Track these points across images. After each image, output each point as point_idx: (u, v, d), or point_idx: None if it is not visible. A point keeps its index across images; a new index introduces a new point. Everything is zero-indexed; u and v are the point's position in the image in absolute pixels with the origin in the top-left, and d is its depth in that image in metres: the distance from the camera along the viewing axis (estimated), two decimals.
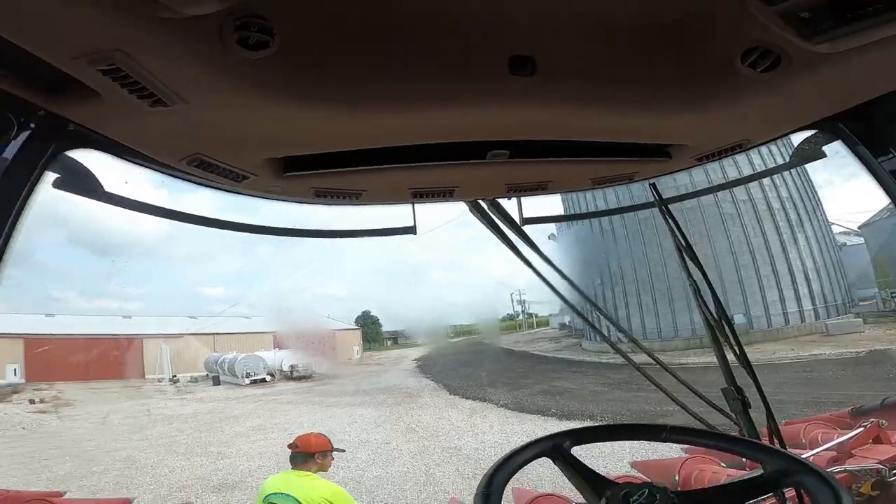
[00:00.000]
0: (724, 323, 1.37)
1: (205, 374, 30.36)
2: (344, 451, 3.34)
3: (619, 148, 1.12)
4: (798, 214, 22.34)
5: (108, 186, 1.07)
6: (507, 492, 0.89)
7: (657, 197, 1.47)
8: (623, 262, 25.64)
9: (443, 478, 8.66)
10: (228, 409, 18.00)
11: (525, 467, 0.92)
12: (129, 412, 17.64)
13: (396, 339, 67.96)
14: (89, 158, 1.00)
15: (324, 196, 1.18)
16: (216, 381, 28.06)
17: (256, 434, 12.63)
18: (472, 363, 29.59)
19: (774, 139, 1.25)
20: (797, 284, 21.64)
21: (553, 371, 21.81)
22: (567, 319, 49.53)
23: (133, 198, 1.16)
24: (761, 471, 0.89)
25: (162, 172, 1.09)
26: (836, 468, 1.85)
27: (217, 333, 36.79)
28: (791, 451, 1.08)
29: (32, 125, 0.84)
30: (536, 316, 71.32)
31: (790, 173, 21.26)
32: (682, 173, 1.39)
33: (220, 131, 0.89)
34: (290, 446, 2.96)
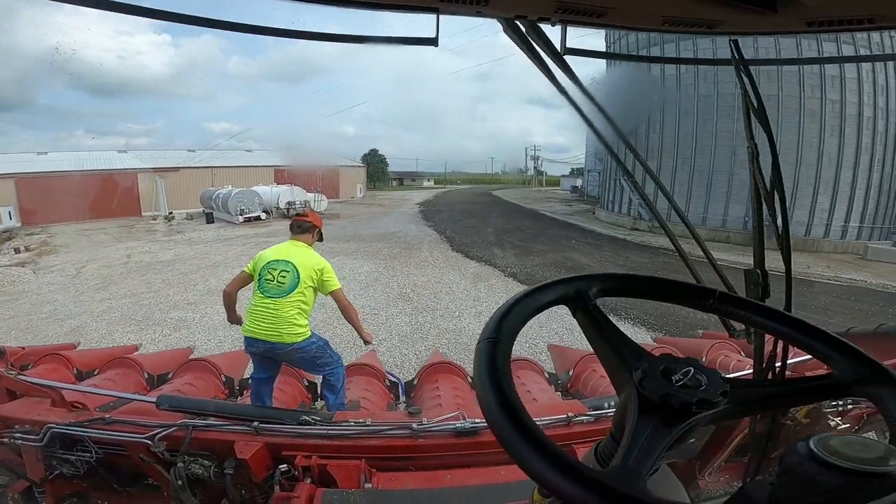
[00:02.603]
0: (775, 197, 1.28)
1: (201, 210, 29.90)
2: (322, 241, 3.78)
3: None
4: (888, 127, 19.73)
5: None
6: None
7: (737, 55, 1.29)
8: (666, 133, 23.29)
9: None
10: (212, 255, 17.11)
11: None
12: (109, 260, 16.88)
13: (402, 180, 69.31)
14: None
15: None
16: (209, 219, 27.26)
17: None
18: (478, 215, 28.98)
19: None
20: (854, 198, 19.85)
21: (565, 239, 20.62)
22: (579, 183, 49.04)
23: None
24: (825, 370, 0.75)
25: None
26: None
27: (215, 167, 35.88)
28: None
29: None
30: (546, 174, 72.67)
31: None
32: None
33: None
34: (297, 216, 3.66)
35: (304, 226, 3.55)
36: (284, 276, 3.16)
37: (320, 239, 3.72)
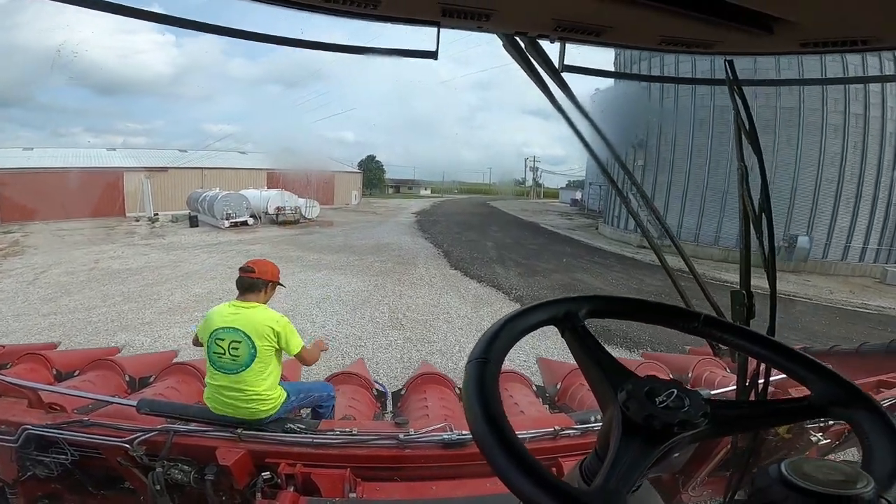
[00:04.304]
0: (763, 219, 1.36)
1: (188, 212, 29.89)
2: (285, 286, 3.40)
3: (708, 3, 0.96)
4: None
5: None
6: None
7: (731, 75, 1.38)
8: (678, 148, 23.63)
9: None
10: (187, 263, 16.73)
11: None
12: (74, 265, 16.45)
13: (399, 187, 70.49)
14: None
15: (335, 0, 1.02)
16: (193, 223, 27.44)
17: (196, 308, 10.75)
18: (477, 227, 28.97)
19: None
20: (874, 217, 19.98)
21: (571, 256, 20.46)
22: (579, 195, 50.12)
23: None
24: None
25: None
26: None
27: (206, 168, 36.19)
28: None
29: None
30: (544, 187, 74.72)
31: None
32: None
33: None
34: (242, 269, 3.03)
35: (247, 283, 2.98)
36: (237, 348, 2.78)
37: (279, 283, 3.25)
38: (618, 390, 0.73)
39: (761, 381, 1.44)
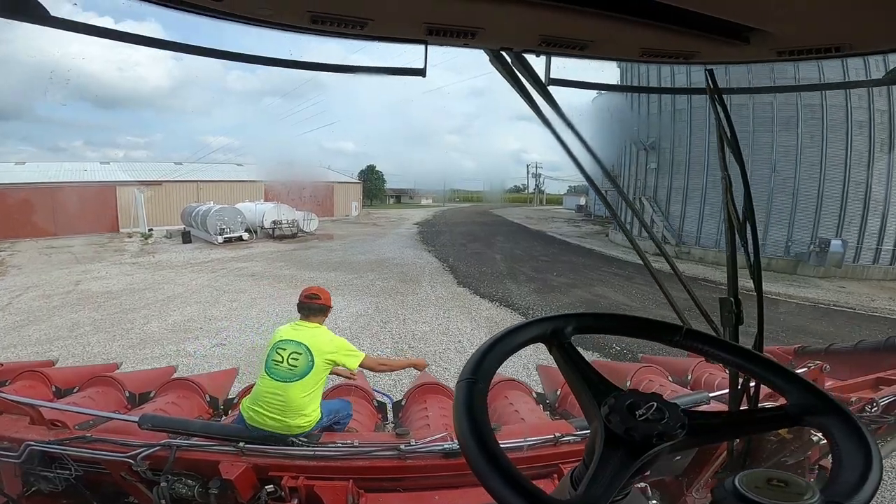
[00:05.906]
0: (747, 227, 1.49)
1: (182, 227, 30.11)
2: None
3: (685, 15, 1.05)
4: None
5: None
6: None
7: (711, 84, 1.48)
8: (694, 150, 23.58)
9: None
10: (172, 284, 16.45)
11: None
12: (53, 286, 16.31)
13: (399, 197, 71.76)
14: None
15: (322, 23, 1.11)
16: (186, 239, 27.66)
17: (169, 339, 10.49)
18: (482, 238, 28.96)
19: (881, 52, 1.25)
20: None
21: (586, 267, 20.23)
22: (583, 201, 50.85)
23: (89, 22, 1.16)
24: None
25: None
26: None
27: (202, 181, 36.84)
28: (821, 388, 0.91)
29: None
30: (546, 193, 76.32)
31: None
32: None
33: None
34: (306, 297, 3.43)
35: (314, 308, 3.39)
36: (296, 359, 3.10)
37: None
38: (601, 404, 0.82)
39: (753, 384, 1.55)
